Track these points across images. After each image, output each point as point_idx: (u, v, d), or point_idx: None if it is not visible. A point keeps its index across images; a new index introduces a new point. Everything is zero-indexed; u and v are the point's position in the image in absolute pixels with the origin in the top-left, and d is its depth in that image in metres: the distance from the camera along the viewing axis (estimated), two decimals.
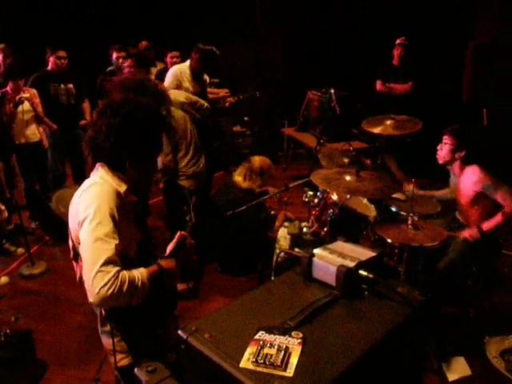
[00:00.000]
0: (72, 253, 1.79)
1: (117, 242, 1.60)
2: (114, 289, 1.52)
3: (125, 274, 1.59)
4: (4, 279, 4.34)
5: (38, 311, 3.90)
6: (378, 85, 5.72)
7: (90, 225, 1.60)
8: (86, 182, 1.76)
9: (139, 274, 1.64)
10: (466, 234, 3.21)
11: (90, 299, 1.57)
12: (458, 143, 3.25)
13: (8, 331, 3.28)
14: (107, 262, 1.55)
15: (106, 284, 1.52)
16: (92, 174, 1.81)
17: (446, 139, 3.30)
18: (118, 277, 1.55)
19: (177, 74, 5.03)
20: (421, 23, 6.25)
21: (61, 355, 3.38)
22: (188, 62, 5.00)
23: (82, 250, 1.62)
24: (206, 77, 5.20)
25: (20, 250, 4.85)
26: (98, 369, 3.08)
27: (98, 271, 1.54)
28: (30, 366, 3.26)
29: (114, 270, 1.55)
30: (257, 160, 3.91)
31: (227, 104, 5.34)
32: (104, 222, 1.61)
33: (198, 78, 5.05)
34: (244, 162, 3.96)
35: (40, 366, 3.27)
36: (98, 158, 1.79)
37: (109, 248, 1.58)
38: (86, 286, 1.58)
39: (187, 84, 4.98)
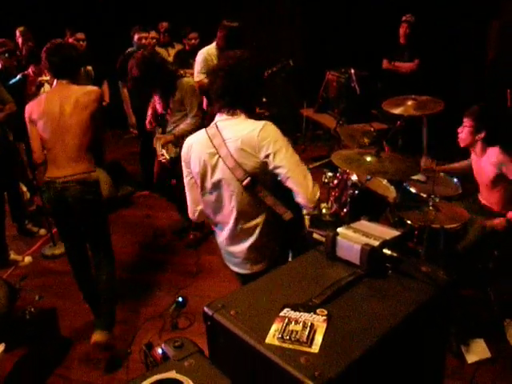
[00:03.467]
0: (246, 181, 2.08)
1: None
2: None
3: None
4: (27, 259, 4.44)
5: (60, 290, 3.98)
6: (384, 63, 5.70)
7: (287, 153, 2.05)
8: (249, 124, 2.10)
9: None
10: (494, 222, 3.17)
11: (310, 204, 2.07)
12: (477, 125, 3.21)
13: (32, 309, 3.36)
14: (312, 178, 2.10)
15: (318, 192, 2.09)
16: (226, 118, 2.15)
17: (466, 122, 3.27)
18: None
19: (205, 57, 4.99)
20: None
21: (84, 333, 3.44)
22: (214, 43, 4.95)
23: (290, 171, 2.04)
24: None
25: (42, 231, 4.94)
26: (131, 341, 3.24)
27: (314, 184, 2.08)
28: (54, 343, 3.35)
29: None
30: None
31: (268, 75, 5.29)
32: (293, 151, 2.10)
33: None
34: None
35: (64, 343, 3.35)
36: (233, 106, 2.13)
37: (306, 168, 2.13)
38: (305, 194, 2.06)
39: None
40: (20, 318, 3.29)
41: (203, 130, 2.22)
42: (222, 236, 2.35)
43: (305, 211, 2.42)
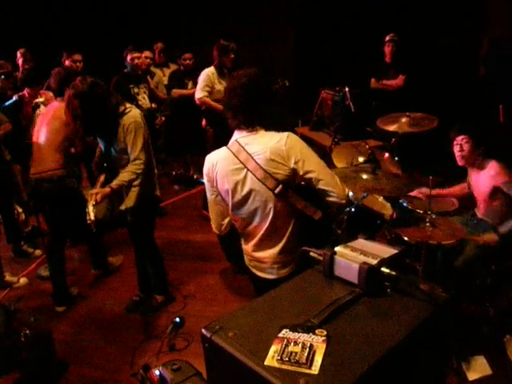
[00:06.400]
0: (279, 189, 2.17)
1: None
2: None
3: None
4: (23, 280, 4.40)
5: (56, 312, 3.94)
6: (372, 82, 5.83)
7: (314, 158, 2.20)
8: (273, 136, 2.20)
9: None
10: (485, 238, 3.18)
11: (343, 200, 2.22)
12: (476, 140, 3.23)
13: (28, 332, 3.31)
14: None
15: (346, 188, 2.27)
16: (246, 134, 2.22)
17: (462, 139, 3.26)
18: None
19: (209, 76, 5.05)
20: (432, 17, 6.24)
21: (79, 355, 3.41)
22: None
23: (321, 174, 2.18)
24: None
25: (37, 252, 4.91)
26: (131, 362, 3.22)
27: (341, 181, 2.24)
28: (50, 365, 3.30)
29: None
30: None
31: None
32: (317, 155, 2.24)
33: (222, 74, 5.08)
34: None
35: (60, 366, 3.30)
36: (253, 122, 2.22)
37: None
38: (337, 191, 2.19)
39: (219, 86, 4.98)
40: (15, 340, 3.24)
41: (224, 148, 2.28)
42: (249, 244, 2.40)
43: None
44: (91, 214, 3.06)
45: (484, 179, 3.25)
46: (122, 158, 3.36)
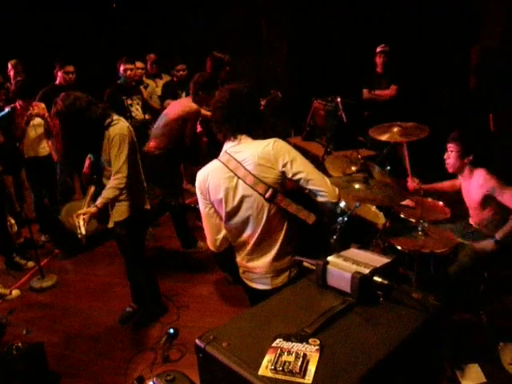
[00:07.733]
0: (269, 193, 2.20)
1: None
2: None
3: None
4: (15, 292, 4.37)
5: (49, 324, 3.91)
6: (365, 93, 5.91)
7: (302, 159, 2.23)
8: (261, 143, 2.25)
9: None
10: (482, 245, 3.19)
11: (334, 199, 2.21)
12: (465, 148, 3.28)
13: (20, 344, 3.29)
14: None
15: (336, 188, 2.24)
16: (234, 144, 2.28)
17: (452, 147, 3.32)
18: None
19: None
20: (424, 28, 6.32)
21: (72, 368, 3.39)
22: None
23: (309, 174, 2.19)
24: None
25: (30, 264, 4.88)
26: (125, 374, 3.19)
27: (330, 183, 2.24)
28: (42, 378, 3.27)
29: None
30: None
31: (261, 108, 5.34)
32: (304, 158, 2.26)
33: (215, 86, 5.09)
34: None
35: (52, 379, 3.27)
36: (236, 132, 2.28)
37: None
38: (328, 190, 2.20)
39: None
40: (7, 353, 3.21)
41: (214, 160, 2.32)
42: (242, 254, 2.41)
43: None
44: (82, 228, 3.04)
45: (474, 188, 3.28)
46: (108, 169, 3.32)
